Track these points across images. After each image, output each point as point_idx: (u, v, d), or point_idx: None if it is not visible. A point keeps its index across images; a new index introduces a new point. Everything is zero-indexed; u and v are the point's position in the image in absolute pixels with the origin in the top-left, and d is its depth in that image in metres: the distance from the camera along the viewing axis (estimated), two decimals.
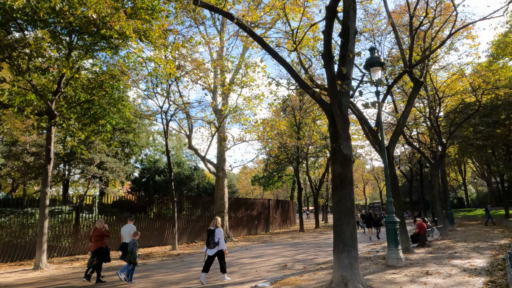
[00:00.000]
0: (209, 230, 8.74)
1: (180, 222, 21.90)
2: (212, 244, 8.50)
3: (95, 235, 9.53)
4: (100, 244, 9.44)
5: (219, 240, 8.55)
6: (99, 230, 9.64)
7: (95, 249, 9.37)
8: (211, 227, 8.77)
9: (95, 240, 9.45)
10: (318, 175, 52.40)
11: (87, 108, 15.83)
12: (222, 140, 23.52)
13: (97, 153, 26.90)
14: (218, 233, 8.61)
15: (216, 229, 8.67)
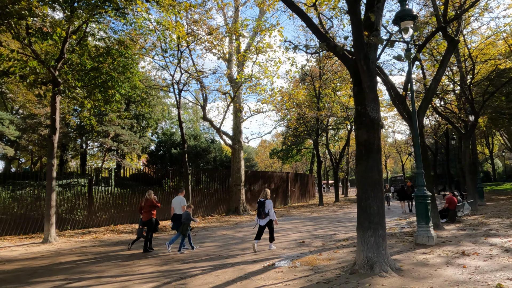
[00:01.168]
0: (259, 202, 9.13)
1: (196, 195, 21.38)
2: (263, 214, 8.94)
3: (146, 205, 9.70)
4: (150, 215, 9.66)
5: (269, 210, 8.96)
6: (150, 201, 9.76)
7: (145, 219, 9.63)
8: (261, 199, 9.15)
9: (146, 211, 9.66)
10: (338, 148, 51.14)
11: (94, 77, 15.06)
12: (238, 111, 22.54)
13: (112, 126, 26.46)
14: (268, 204, 9.00)
15: (266, 201, 9.04)
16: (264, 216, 8.96)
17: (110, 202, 18.41)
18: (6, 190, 17.16)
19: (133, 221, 18.36)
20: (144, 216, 9.71)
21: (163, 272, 6.96)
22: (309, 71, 30.94)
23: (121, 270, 7.31)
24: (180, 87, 18.40)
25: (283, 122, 32.79)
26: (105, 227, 16.75)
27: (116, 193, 19.03)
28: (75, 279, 6.60)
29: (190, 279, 6.37)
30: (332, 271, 6.60)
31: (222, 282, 6.13)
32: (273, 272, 6.74)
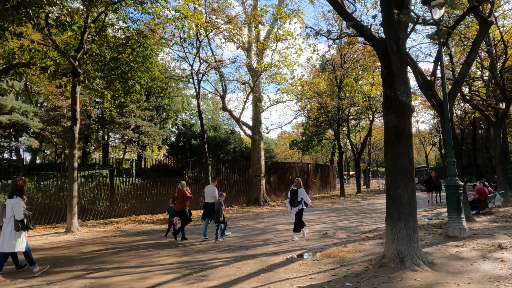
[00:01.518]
0: (292, 190, 9.22)
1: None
2: (295, 202, 9.07)
3: (179, 196, 9.85)
4: (183, 206, 9.84)
5: (302, 199, 9.10)
6: (183, 192, 9.91)
7: (179, 210, 9.80)
8: (293, 187, 9.25)
9: (179, 202, 9.81)
10: (359, 138, 50.22)
11: (114, 67, 15.02)
12: (257, 101, 22.21)
13: (133, 117, 26.63)
14: (301, 192, 9.12)
15: (299, 189, 9.15)
16: (297, 204, 9.08)
17: (132, 193, 18.51)
18: (31, 181, 17.50)
19: (154, 211, 18.43)
20: (178, 207, 9.85)
21: (183, 263, 6.80)
22: (330, 59, 30.23)
23: (141, 261, 7.19)
24: (199, 77, 18.22)
25: (303, 112, 32.26)
26: (126, 218, 16.86)
27: (137, 184, 19.12)
28: (95, 269, 6.51)
29: (211, 271, 6.17)
30: (359, 264, 6.27)
31: (244, 274, 5.91)
32: (296, 264, 6.47)
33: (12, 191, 6.21)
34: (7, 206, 6.10)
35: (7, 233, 5.95)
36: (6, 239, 5.93)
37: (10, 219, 5.99)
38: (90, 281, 5.72)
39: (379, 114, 38.99)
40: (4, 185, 18.09)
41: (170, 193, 19.60)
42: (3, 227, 6.07)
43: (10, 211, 6.03)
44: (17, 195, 6.15)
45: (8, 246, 5.93)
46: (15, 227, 5.95)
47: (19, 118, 22.18)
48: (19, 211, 5.97)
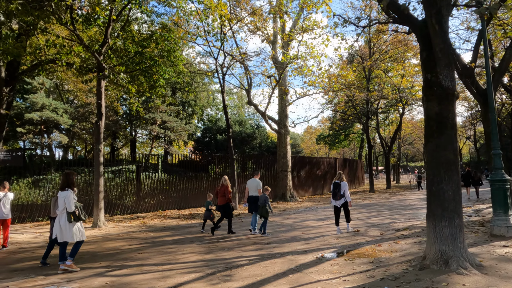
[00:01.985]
0: (334, 183, 9.30)
1: (242, 181, 21.00)
2: (338, 195, 9.12)
3: (221, 191, 9.86)
4: (225, 200, 9.81)
5: (345, 192, 9.12)
6: (225, 187, 9.89)
7: (221, 204, 9.81)
8: (336, 181, 9.33)
9: (221, 196, 9.83)
10: (389, 132, 48.77)
11: (138, 62, 14.94)
12: (283, 94, 21.71)
13: (159, 113, 26.73)
14: (343, 186, 9.17)
15: (342, 182, 9.22)
16: (340, 197, 9.12)
17: (158, 188, 18.50)
18: (60, 176, 17.79)
19: (180, 206, 18.36)
20: (220, 201, 9.86)
21: (207, 262, 6.48)
22: (358, 50, 29.25)
23: (164, 258, 6.93)
24: (223, 71, 17.92)
25: (330, 105, 31.44)
26: (152, 213, 16.84)
27: (163, 179, 19.11)
28: (117, 267, 6.30)
29: (235, 270, 5.81)
30: (397, 265, 5.74)
31: (271, 274, 5.51)
32: (327, 264, 6.02)
33: (63, 184, 6.28)
34: (59, 198, 6.20)
35: (62, 224, 6.08)
36: (63, 229, 6.09)
37: (63, 211, 6.13)
38: (111, 279, 5.48)
39: (410, 107, 37.61)
40: (36, 180, 18.53)
41: (195, 188, 19.51)
42: (57, 218, 6.19)
43: (62, 203, 6.13)
44: (69, 188, 6.23)
45: (67, 236, 6.09)
46: (67, 218, 6.07)
47: (49, 115, 22.66)
48: (70, 203, 6.08)
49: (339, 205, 9.23)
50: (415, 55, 29.76)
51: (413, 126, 50.94)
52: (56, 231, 6.17)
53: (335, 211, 9.34)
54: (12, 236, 10.20)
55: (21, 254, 7.73)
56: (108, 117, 25.50)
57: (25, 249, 8.36)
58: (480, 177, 18.74)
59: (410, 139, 58.82)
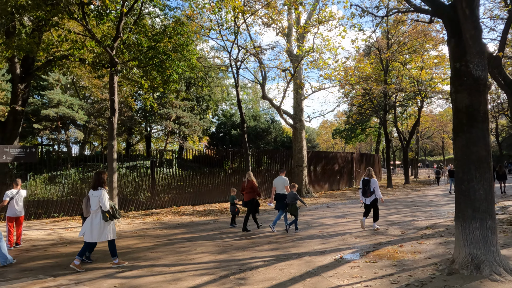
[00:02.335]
0: (363, 180, 9.23)
1: (257, 176, 20.71)
2: (368, 192, 9.02)
3: (248, 187, 9.82)
4: (252, 196, 9.76)
5: (374, 189, 8.99)
6: (251, 182, 9.87)
7: (248, 200, 9.74)
8: (365, 177, 9.26)
9: (247, 192, 9.79)
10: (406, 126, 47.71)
11: (151, 57, 14.76)
12: (298, 88, 21.28)
13: (173, 108, 26.64)
14: (373, 182, 9.05)
15: (371, 179, 9.12)
16: (370, 194, 9.02)
17: (172, 184, 18.39)
18: (75, 171, 17.86)
19: (195, 202, 18.21)
20: (246, 197, 9.79)
21: (220, 262, 6.23)
22: (376, 43, 28.49)
23: (176, 258, 6.71)
24: (237, 65, 17.62)
25: (347, 99, 30.79)
26: (167, 209, 16.74)
27: (177, 175, 19.00)
28: (127, 268, 6.09)
29: (250, 273, 5.54)
30: (423, 269, 5.37)
31: (288, 278, 5.21)
32: (347, 267, 5.68)
33: (95, 183, 6.26)
34: (91, 198, 6.19)
35: (95, 224, 6.08)
36: (96, 229, 6.06)
37: (98, 210, 6.12)
38: (120, 282, 5.28)
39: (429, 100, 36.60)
40: (52, 176, 18.67)
41: (210, 184, 19.33)
42: (91, 218, 6.16)
43: (96, 202, 6.12)
44: (101, 187, 6.22)
45: (98, 236, 6.08)
46: (103, 217, 6.07)
47: (65, 111, 22.79)
48: (105, 202, 6.09)
49: (369, 203, 9.13)
50: (435, 47, 28.87)
51: (432, 119, 49.73)
52: (86, 230, 6.13)
53: (365, 207, 9.31)
54: (26, 233, 10.18)
55: (34, 253, 7.64)
56: (123, 113, 25.55)
57: (38, 247, 8.27)
58: (505, 171, 18.19)
59: (428, 133, 57.53)
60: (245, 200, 9.86)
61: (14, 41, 11.92)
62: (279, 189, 9.76)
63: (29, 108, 23.15)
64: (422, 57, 28.65)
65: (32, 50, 11.80)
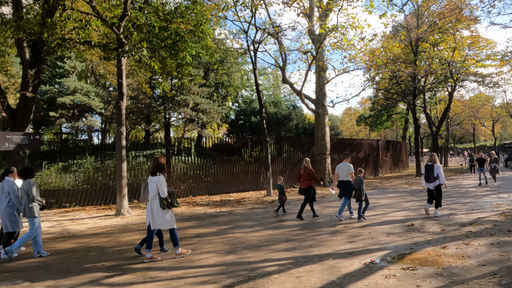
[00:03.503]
0: (427, 165, 9.15)
1: (277, 165, 19.74)
2: (431, 178, 8.94)
3: (305, 174, 9.57)
4: (309, 183, 9.55)
5: (438, 174, 8.91)
6: (309, 169, 9.61)
7: (305, 187, 9.53)
8: (428, 163, 9.19)
9: (304, 179, 9.55)
10: (435, 112, 45.41)
11: (163, 38, 13.86)
12: (321, 71, 19.97)
13: (191, 95, 25.85)
14: (436, 168, 8.97)
15: (435, 164, 9.04)
16: (433, 179, 8.92)
17: (189, 173, 17.65)
18: (90, 160, 17.37)
19: (212, 192, 17.43)
20: (303, 184, 9.56)
21: (227, 266, 5.29)
22: (404, 22, 26.63)
23: (178, 259, 5.83)
24: (255, 46, 16.50)
25: (373, 83, 29.13)
26: (182, 199, 16.03)
27: (195, 163, 18.25)
28: (119, 271, 5.23)
29: (260, 281, 4.56)
30: (479, 281, 4.24)
31: None
32: (380, 276, 4.62)
33: (154, 169, 5.97)
34: (150, 184, 5.93)
35: (155, 210, 5.86)
36: (155, 216, 5.86)
37: (155, 196, 5.87)
38: None
39: (461, 83, 34.31)
40: (68, 165, 18.28)
41: (228, 173, 18.49)
42: (150, 205, 5.91)
43: (154, 189, 5.86)
44: (160, 172, 5.92)
45: (159, 223, 5.87)
46: (160, 205, 5.81)
47: (81, 99, 22.34)
48: (163, 189, 5.80)
49: (432, 187, 9.01)
50: (469, 25, 26.76)
51: (464, 104, 47.13)
52: (148, 217, 5.94)
53: (429, 193, 9.17)
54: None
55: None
56: (140, 100, 24.95)
57: None
58: None
59: (459, 119, 54.71)
60: (301, 187, 9.62)
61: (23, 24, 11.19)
62: (343, 175, 9.46)
63: (45, 96, 22.85)
64: (454, 37, 26.64)
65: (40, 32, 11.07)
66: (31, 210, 6.23)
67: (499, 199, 11.74)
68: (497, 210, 9.54)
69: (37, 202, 6.33)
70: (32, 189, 6.25)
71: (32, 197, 6.26)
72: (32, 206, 6.25)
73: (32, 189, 6.24)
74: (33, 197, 6.26)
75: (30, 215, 6.22)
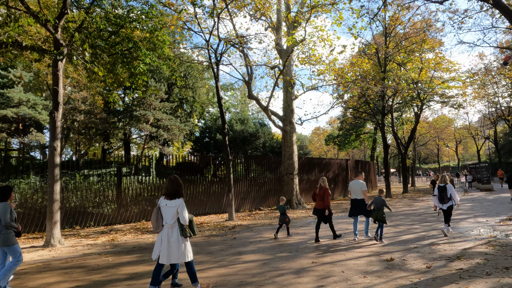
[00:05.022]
0: (439, 187, 9.28)
1: (242, 185, 18.34)
2: (446, 199, 9.14)
3: (320, 193, 9.17)
4: (325, 204, 9.06)
5: (451, 195, 9.09)
6: (325, 189, 9.11)
7: (320, 208, 9.14)
8: (440, 184, 9.33)
9: (320, 199, 9.14)
10: (402, 132, 45.75)
11: (113, 44, 12.40)
12: (288, 86, 18.99)
13: (152, 110, 24.20)
14: (449, 188, 9.15)
15: (447, 185, 9.21)
16: (447, 200, 9.14)
17: (144, 194, 15.91)
18: (25, 180, 15.28)
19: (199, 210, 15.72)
20: (319, 204, 9.16)
21: None
22: (372, 39, 26.44)
23: None
24: (217, 57, 15.27)
25: (342, 100, 28.59)
26: (133, 224, 14.26)
27: (152, 184, 16.54)
28: None
29: None
30: None
31: None
32: None
33: (173, 190, 5.05)
34: (166, 209, 5.00)
35: (174, 240, 4.93)
36: (174, 248, 4.91)
37: (174, 224, 5.00)
38: None
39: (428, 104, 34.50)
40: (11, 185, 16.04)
41: (188, 194, 16.87)
42: (166, 235, 4.94)
43: (173, 214, 4.98)
44: (180, 195, 5.06)
45: (177, 255, 4.91)
46: (182, 233, 4.96)
47: (26, 112, 20.18)
48: (185, 215, 4.98)
49: (446, 208, 9.23)
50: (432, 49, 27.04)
51: (429, 126, 47.89)
52: (158, 250, 4.94)
53: (445, 213, 9.37)
54: None
55: None
56: (95, 114, 23.05)
57: None
58: None
59: (424, 140, 55.62)
60: (317, 207, 9.24)
61: None
62: (356, 193, 9.26)
63: None
64: (421, 57, 26.74)
65: None
66: (6, 238, 5.49)
67: (477, 224, 10.84)
68: (481, 238, 8.53)
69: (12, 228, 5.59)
70: (6, 213, 5.51)
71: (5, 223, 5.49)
72: (7, 233, 5.54)
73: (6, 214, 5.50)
74: (7, 223, 5.50)
75: (7, 243, 5.50)
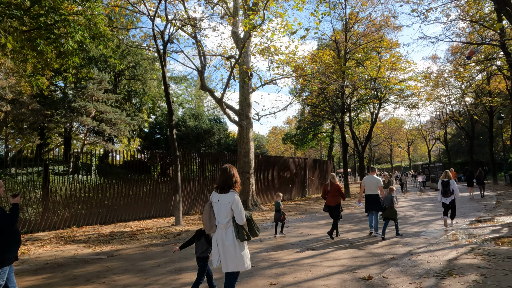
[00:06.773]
0: (443, 181, 9.69)
1: (193, 185, 16.61)
2: (449, 193, 9.59)
3: (333, 189, 8.85)
4: (337, 200, 8.87)
5: (454, 190, 9.53)
6: (337, 185, 8.85)
7: (334, 204, 8.80)
8: (443, 179, 9.75)
9: (333, 195, 8.83)
10: (359, 132, 45.90)
11: (37, 15, 10.29)
12: (245, 77, 17.46)
13: (93, 102, 21.76)
14: (452, 183, 9.57)
15: (450, 180, 9.63)
16: (450, 194, 9.55)
17: (77, 195, 13.70)
18: None
19: (106, 221, 13.66)
20: (331, 201, 8.84)
21: None
22: (332, 36, 25.64)
23: None
24: (164, 38, 13.44)
25: (301, 97, 27.57)
26: (60, 230, 12.09)
27: (92, 184, 14.34)
28: None
29: None
30: None
31: None
32: None
33: (222, 181, 3.94)
34: (218, 205, 3.89)
35: (229, 244, 3.80)
36: (231, 252, 3.80)
37: (228, 224, 3.86)
38: None
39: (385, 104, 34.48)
40: None
41: (132, 195, 14.84)
42: (219, 236, 3.87)
43: (228, 212, 3.84)
44: (233, 189, 3.92)
45: (235, 262, 3.80)
46: (237, 235, 3.81)
47: None
48: (241, 212, 3.85)
49: (448, 202, 9.68)
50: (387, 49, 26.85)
51: (384, 126, 48.50)
52: (215, 254, 3.93)
53: (445, 207, 9.84)
54: None
55: None
56: (26, 104, 20.24)
57: None
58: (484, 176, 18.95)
59: (378, 140, 56.56)
60: (328, 204, 8.90)
61: None
62: (371, 189, 9.01)
63: None
64: (380, 54, 26.42)
65: None
66: None
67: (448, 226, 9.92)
68: (462, 245, 7.45)
69: None
70: None
71: None
72: None
73: None
74: None
75: None
